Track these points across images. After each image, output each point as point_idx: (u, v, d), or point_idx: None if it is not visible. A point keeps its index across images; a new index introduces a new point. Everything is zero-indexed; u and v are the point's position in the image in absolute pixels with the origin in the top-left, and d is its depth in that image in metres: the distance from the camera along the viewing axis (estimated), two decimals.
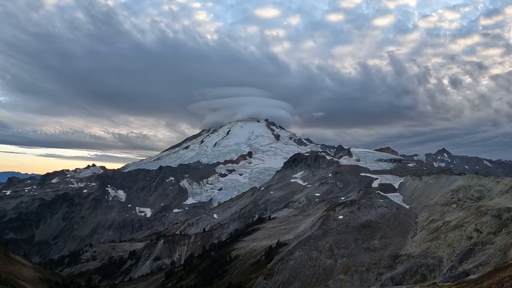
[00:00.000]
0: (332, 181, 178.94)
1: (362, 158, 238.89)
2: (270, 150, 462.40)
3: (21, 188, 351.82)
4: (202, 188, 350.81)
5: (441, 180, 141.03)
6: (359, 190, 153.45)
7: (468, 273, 67.21)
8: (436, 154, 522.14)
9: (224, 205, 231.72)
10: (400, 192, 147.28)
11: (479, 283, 31.02)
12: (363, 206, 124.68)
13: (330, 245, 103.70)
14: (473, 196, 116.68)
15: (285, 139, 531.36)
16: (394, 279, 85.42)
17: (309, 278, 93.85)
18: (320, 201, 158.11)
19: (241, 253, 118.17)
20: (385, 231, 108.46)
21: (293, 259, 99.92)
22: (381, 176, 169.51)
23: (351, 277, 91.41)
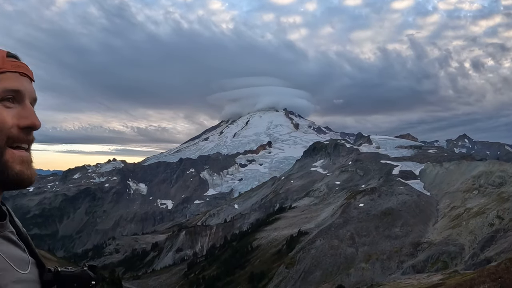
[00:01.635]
0: (352, 169, 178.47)
1: (382, 145, 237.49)
2: (289, 139, 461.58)
3: (43, 184, 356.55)
4: (222, 179, 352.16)
5: (462, 166, 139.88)
6: (379, 177, 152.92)
7: (490, 261, 67.04)
8: (457, 140, 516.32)
9: (245, 196, 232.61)
10: (421, 179, 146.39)
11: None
12: (383, 194, 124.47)
13: (351, 233, 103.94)
14: (494, 182, 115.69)
15: (304, 128, 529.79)
16: (415, 267, 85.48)
17: (330, 267, 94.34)
18: (340, 189, 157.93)
19: (263, 243, 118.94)
20: (406, 219, 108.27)
21: (314, 248, 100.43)
22: (401, 163, 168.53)
23: (372, 265, 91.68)
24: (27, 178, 1.52)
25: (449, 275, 58.32)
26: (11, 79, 1.52)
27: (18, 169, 1.50)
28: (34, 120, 1.54)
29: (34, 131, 1.32)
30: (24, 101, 1.55)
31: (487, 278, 18.55)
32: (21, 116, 1.52)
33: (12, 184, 1.53)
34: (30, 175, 1.55)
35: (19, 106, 1.53)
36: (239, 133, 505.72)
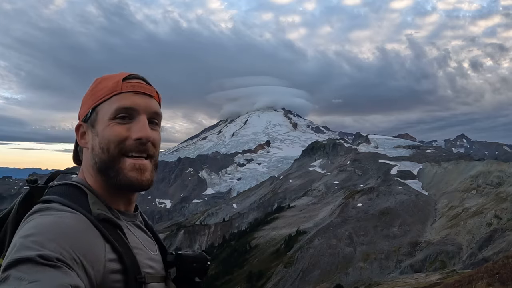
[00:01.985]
0: (351, 169, 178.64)
1: (380, 145, 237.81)
2: (288, 139, 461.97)
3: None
4: (221, 178, 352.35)
5: (460, 166, 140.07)
6: (377, 177, 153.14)
7: (488, 260, 67.13)
8: (455, 140, 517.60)
9: (243, 195, 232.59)
10: (419, 178, 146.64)
11: None
12: (382, 193, 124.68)
13: (349, 232, 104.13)
14: (492, 182, 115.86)
15: (302, 127, 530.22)
16: (413, 266, 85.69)
17: (328, 266, 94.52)
18: (339, 188, 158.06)
19: (261, 242, 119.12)
20: (404, 218, 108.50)
21: (312, 247, 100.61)
22: (399, 163, 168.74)
23: (370, 265, 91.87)
24: (137, 182, 1.71)
25: (447, 275, 58.54)
26: (125, 98, 1.73)
27: (129, 175, 1.70)
28: (144, 133, 1.71)
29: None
30: (137, 116, 1.74)
31: (484, 274, 18.76)
32: (134, 130, 1.71)
33: (125, 187, 1.74)
34: (141, 181, 1.73)
35: (133, 121, 1.74)
36: (237, 133, 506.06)
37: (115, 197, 1.79)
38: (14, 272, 1.28)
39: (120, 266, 1.58)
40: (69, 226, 1.50)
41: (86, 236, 1.51)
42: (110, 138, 1.71)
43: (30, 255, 1.31)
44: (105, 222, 1.64)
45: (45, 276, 1.27)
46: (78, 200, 1.68)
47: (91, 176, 1.80)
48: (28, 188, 1.86)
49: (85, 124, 1.83)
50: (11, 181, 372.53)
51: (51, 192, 1.77)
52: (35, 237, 1.39)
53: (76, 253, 1.41)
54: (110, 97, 1.76)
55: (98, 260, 1.51)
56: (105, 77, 1.84)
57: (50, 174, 1.99)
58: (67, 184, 1.82)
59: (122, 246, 1.63)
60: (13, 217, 1.77)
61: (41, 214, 1.56)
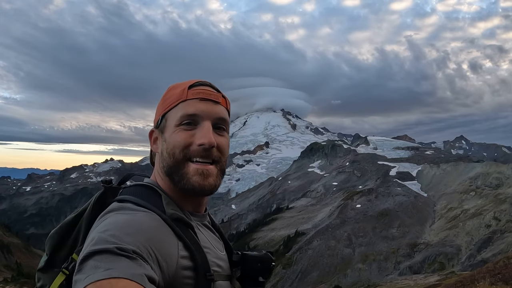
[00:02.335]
0: (350, 170, 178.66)
1: (379, 146, 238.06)
2: (287, 140, 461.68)
3: (40, 184, 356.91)
4: None
5: (459, 167, 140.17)
6: (376, 178, 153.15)
7: (487, 262, 67.08)
8: (454, 141, 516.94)
9: (242, 196, 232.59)
10: (418, 180, 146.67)
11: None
12: (380, 195, 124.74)
13: (348, 234, 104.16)
14: (491, 184, 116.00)
15: (301, 129, 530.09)
16: (412, 267, 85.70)
17: (327, 267, 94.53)
18: (337, 190, 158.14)
19: (260, 243, 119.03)
20: (403, 220, 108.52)
21: (311, 248, 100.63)
22: (398, 164, 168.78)
23: (369, 266, 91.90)
24: (200, 187, 1.78)
25: (446, 276, 58.49)
26: (189, 105, 1.82)
27: (193, 179, 1.76)
28: (207, 138, 1.78)
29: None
30: (201, 122, 1.82)
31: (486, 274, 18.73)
32: (197, 136, 1.79)
33: (189, 191, 1.81)
34: (203, 185, 1.79)
35: (197, 127, 1.82)
36: (236, 134, 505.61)
37: (184, 199, 1.87)
38: (90, 261, 1.34)
39: (191, 263, 1.65)
40: (144, 223, 1.56)
41: (160, 233, 1.58)
42: (175, 143, 1.80)
43: (107, 247, 1.37)
44: (178, 221, 1.72)
45: (121, 265, 1.32)
46: (152, 200, 1.76)
47: (161, 179, 1.88)
48: (103, 188, 1.91)
49: (157, 130, 1.92)
50: (10, 181, 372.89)
51: (126, 192, 1.84)
52: (112, 231, 1.46)
53: (151, 248, 1.47)
54: (176, 105, 1.84)
55: (171, 256, 1.57)
56: (174, 85, 1.95)
57: (124, 176, 2.05)
58: (141, 185, 1.90)
59: (194, 244, 1.69)
60: (88, 215, 1.85)
61: (116, 212, 1.63)
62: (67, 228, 1.92)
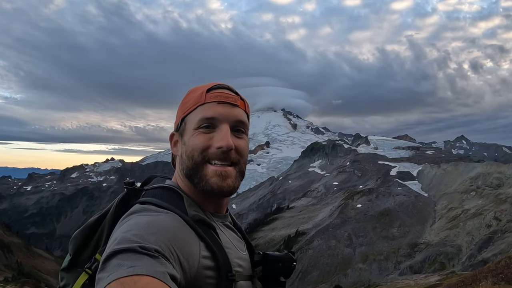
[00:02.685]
0: (350, 170, 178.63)
1: (380, 146, 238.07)
2: (287, 140, 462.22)
3: (41, 183, 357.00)
4: None
5: (459, 167, 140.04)
6: (377, 178, 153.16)
7: (487, 262, 67.10)
8: (454, 141, 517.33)
9: (243, 195, 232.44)
10: (419, 180, 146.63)
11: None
12: (381, 195, 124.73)
13: (348, 233, 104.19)
14: (492, 184, 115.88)
15: (302, 128, 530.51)
16: (412, 267, 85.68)
17: (328, 267, 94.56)
18: (338, 189, 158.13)
19: (260, 243, 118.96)
20: (403, 220, 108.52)
21: (312, 248, 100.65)
22: (399, 164, 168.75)
23: (369, 266, 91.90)
24: (219, 188, 1.81)
25: (447, 276, 58.45)
26: (208, 109, 1.86)
27: (211, 181, 1.81)
28: (225, 141, 1.81)
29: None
30: (220, 125, 1.86)
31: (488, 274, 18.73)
32: (216, 139, 1.83)
33: (208, 193, 1.85)
34: (222, 187, 1.82)
35: (216, 130, 1.86)
36: None
37: (206, 201, 1.91)
38: (114, 260, 1.37)
39: (213, 263, 1.68)
40: (166, 223, 1.60)
41: (182, 233, 1.62)
42: (194, 146, 1.84)
43: (130, 246, 1.40)
44: (200, 222, 1.76)
45: (144, 263, 1.34)
46: (174, 202, 1.80)
47: (182, 181, 1.93)
48: (125, 189, 1.94)
49: (177, 133, 1.98)
50: (10, 180, 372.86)
51: (148, 194, 1.87)
52: (135, 231, 1.48)
53: (173, 247, 1.51)
54: (195, 108, 1.89)
55: (193, 255, 1.61)
56: (193, 89, 1.99)
57: (146, 178, 2.09)
58: (163, 187, 1.92)
59: (216, 245, 1.73)
60: (111, 216, 1.89)
61: (139, 214, 1.66)
62: (91, 229, 1.95)
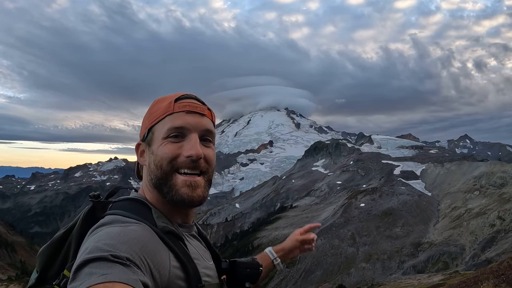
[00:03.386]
0: (354, 169, 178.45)
1: (383, 145, 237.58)
2: (290, 139, 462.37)
3: (44, 182, 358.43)
4: (223, 178, 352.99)
5: (463, 166, 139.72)
6: (380, 177, 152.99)
7: (491, 261, 67.03)
8: (458, 140, 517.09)
9: (246, 195, 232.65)
10: (422, 179, 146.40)
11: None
12: (384, 194, 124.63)
13: (352, 233, 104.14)
14: (495, 183, 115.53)
15: (305, 128, 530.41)
16: (416, 267, 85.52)
17: (331, 266, 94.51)
18: (341, 189, 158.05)
19: (264, 242, 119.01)
20: (407, 219, 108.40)
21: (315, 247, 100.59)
22: (402, 163, 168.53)
23: (373, 265, 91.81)
24: (189, 198, 1.81)
25: (450, 276, 58.37)
26: (176, 118, 1.87)
27: (181, 191, 1.81)
28: (195, 150, 1.82)
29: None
30: (189, 134, 1.87)
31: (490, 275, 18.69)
32: (185, 148, 1.83)
33: (178, 203, 1.85)
34: (192, 197, 1.82)
35: (185, 139, 1.87)
36: (240, 132, 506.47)
37: (173, 211, 1.90)
38: (85, 269, 1.35)
39: (183, 274, 1.68)
40: (137, 233, 1.59)
41: (153, 243, 1.61)
42: (163, 155, 1.83)
43: (102, 255, 1.38)
44: (169, 234, 1.76)
45: (116, 271, 1.34)
46: (142, 214, 1.78)
47: (150, 192, 1.91)
48: (91, 203, 1.92)
49: (143, 143, 1.96)
50: (14, 180, 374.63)
51: (116, 206, 1.85)
52: (106, 241, 1.47)
53: (144, 257, 1.50)
54: (163, 118, 1.88)
55: (164, 266, 1.60)
56: (160, 99, 1.98)
57: (111, 189, 2.05)
58: (130, 199, 1.91)
59: (185, 256, 1.73)
60: (78, 230, 1.85)
61: (108, 226, 1.64)
62: (57, 244, 1.88)
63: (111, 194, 2.03)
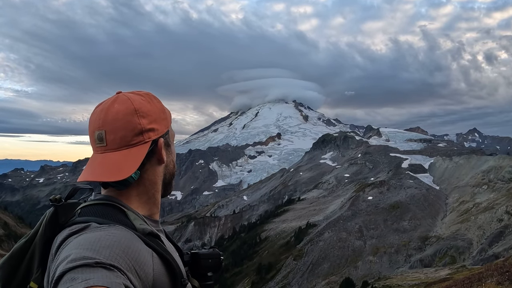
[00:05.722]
0: (362, 162, 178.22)
1: (391, 138, 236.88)
2: (299, 131, 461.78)
3: (53, 175, 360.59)
4: (231, 171, 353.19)
5: (472, 160, 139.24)
6: (388, 170, 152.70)
7: (498, 256, 67.13)
8: (467, 134, 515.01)
9: (254, 187, 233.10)
10: (430, 172, 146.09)
11: None
12: (392, 187, 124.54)
13: (359, 226, 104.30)
14: (504, 178, 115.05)
15: (313, 120, 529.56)
16: (423, 261, 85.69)
17: (338, 259, 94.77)
18: (349, 182, 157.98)
19: (271, 235, 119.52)
20: (414, 212, 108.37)
21: (322, 240, 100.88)
22: (410, 157, 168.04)
23: (380, 259, 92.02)
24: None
25: (457, 270, 58.50)
26: (171, 130, 2.08)
27: (172, 188, 2.08)
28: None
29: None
30: (173, 142, 2.09)
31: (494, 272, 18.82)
32: (173, 154, 2.08)
33: (167, 195, 2.09)
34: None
35: (171, 146, 2.08)
36: (248, 125, 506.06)
37: (154, 210, 2.01)
38: (67, 275, 1.34)
39: (166, 271, 1.74)
40: (117, 236, 1.57)
41: (134, 244, 1.61)
42: (174, 156, 2.10)
43: (84, 262, 1.37)
44: (148, 235, 1.78)
45: (98, 275, 1.33)
46: (117, 218, 1.75)
47: None
48: (52, 207, 1.82)
49: (164, 140, 2.01)
50: (23, 173, 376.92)
51: (87, 213, 1.78)
52: (87, 246, 1.46)
53: (128, 259, 1.48)
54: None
55: (147, 265, 1.62)
56: (159, 100, 2.07)
57: (70, 191, 1.95)
58: (101, 204, 1.84)
59: (166, 253, 1.78)
60: (41, 237, 1.76)
61: (85, 232, 1.60)
62: (18, 255, 1.80)
63: (71, 195, 1.93)
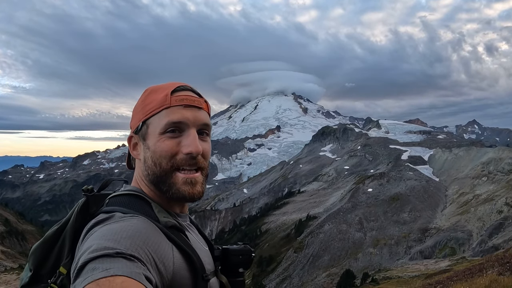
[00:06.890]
0: (361, 154, 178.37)
1: (391, 130, 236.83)
2: (298, 124, 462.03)
3: (53, 171, 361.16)
4: (231, 164, 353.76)
5: (471, 152, 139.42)
6: (388, 162, 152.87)
7: (498, 248, 67.41)
8: (466, 126, 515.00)
9: (254, 180, 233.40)
10: (430, 164, 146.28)
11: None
12: (392, 179, 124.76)
13: (359, 218, 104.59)
14: (504, 169, 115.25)
15: (313, 112, 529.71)
16: (423, 252, 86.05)
17: (338, 251, 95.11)
18: (349, 174, 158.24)
19: (271, 227, 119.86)
20: (414, 204, 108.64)
21: (322, 232, 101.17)
22: (410, 148, 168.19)
23: (380, 250, 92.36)
24: (190, 196, 1.80)
25: (457, 262, 58.75)
26: (174, 113, 1.79)
27: (182, 189, 1.78)
28: (194, 147, 1.77)
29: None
30: (187, 130, 1.80)
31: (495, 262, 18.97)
32: (184, 144, 1.78)
33: (178, 200, 1.85)
34: (193, 194, 1.80)
35: (183, 134, 1.80)
36: (247, 118, 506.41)
37: (171, 204, 1.90)
38: (89, 265, 1.36)
39: (188, 266, 1.69)
40: (139, 227, 1.58)
41: (155, 236, 1.61)
42: (162, 153, 1.78)
43: (105, 252, 1.40)
44: (171, 228, 1.76)
45: (119, 265, 1.35)
46: (143, 210, 1.76)
47: (146, 186, 1.89)
48: (84, 197, 1.86)
49: (137, 136, 1.89)
50: (23, 169, 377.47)
51: (114, 203, 1.80)
52: (109, 237, 1.48)
53: (148, 251, 1.50)
54: (160, 111, 1.81)
55: (168, 258, 1.60)
56: (154, 89, 1.90)
57: (103, 182, 2.01)
58: (128, 194, 1.87)
59: (189, 248, 1.73)
60: (72, 226, 1.81)
61: (108, 223, 1.62)
62: (51, 241, 1.85)
63: (104, 187, 1.99)
